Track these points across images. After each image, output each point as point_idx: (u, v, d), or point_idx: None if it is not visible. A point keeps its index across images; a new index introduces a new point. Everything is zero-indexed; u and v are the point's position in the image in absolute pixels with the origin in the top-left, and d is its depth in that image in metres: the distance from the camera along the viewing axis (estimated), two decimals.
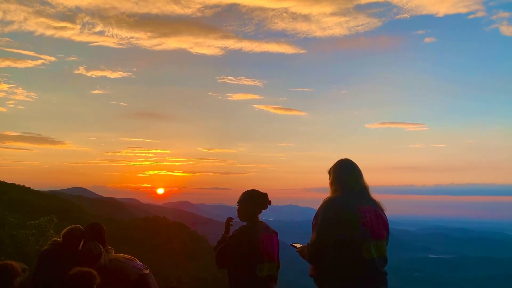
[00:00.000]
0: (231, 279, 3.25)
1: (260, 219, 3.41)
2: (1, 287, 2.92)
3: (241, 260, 3.18)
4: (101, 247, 3.75)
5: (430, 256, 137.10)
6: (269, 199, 3.40)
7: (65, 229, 4.19)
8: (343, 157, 3.08)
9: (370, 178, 2.99)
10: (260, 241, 3.21)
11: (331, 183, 2.99)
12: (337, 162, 3.05)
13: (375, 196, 2.96)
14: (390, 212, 3.02)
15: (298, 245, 3.09)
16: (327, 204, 2.83)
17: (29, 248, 16.40)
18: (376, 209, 2.85)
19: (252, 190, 3.45)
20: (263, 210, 3.40)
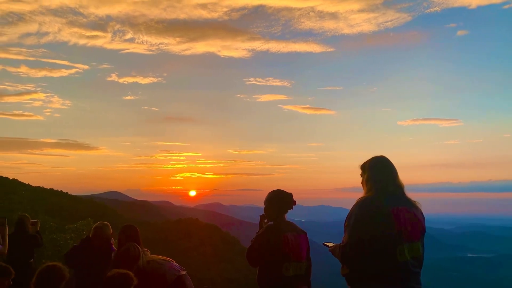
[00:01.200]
0: (259, 278, 3.30)
1: (286, 219, 3.43)
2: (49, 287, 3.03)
3: (267, 259, 3.22)
4: (139, 248, 3.84)
5: (468, 255, 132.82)
6: (294, 199, 3.42)
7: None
8: (376, 155, 2.96)
9: (403, 176, 2.87)
10: (285, 240, 3.23)
11: (365, 182, 2.88)
12: (371, 160, 2.93)
13: (410, 195, 2.85)
14: (426, 210, 2.91)
15: (330, 244, 3.06)
16: (360, 205, 2.74)
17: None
18: (411, 210, 2.74)
19: (278, 190, 3.48)
20: (289, 210, 3.44)
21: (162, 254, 4.06)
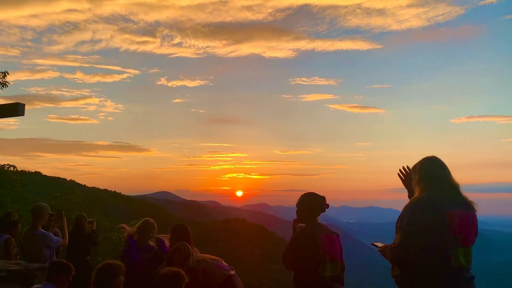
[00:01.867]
0: (296, 279, 3.33)
1: (319, 221, 3.47)
2: (105, 285, 3.16)
3: (303, 261, 3.25)
4: (190, 247, 3.94)
5: None
6: (326, 203, 3.45)
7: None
8: (427, 155, 2.87)
9: (457, 176, 2.73)
10: (320, 242, 3.26)
11: (417, 183, 2.78)
12: (423, 160, 2.85)
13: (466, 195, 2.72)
14: (481, 212, 2.75)
15: (380, 244, 2.99)
16: (414, 206, 2.65)
17: (121, 250, 17.59)
18: (467, 213, 2.63)
19: (310, 193, 3.52)
20: (321, 213, 3.46)
21: (210, 254, 4.13)
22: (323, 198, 3.47)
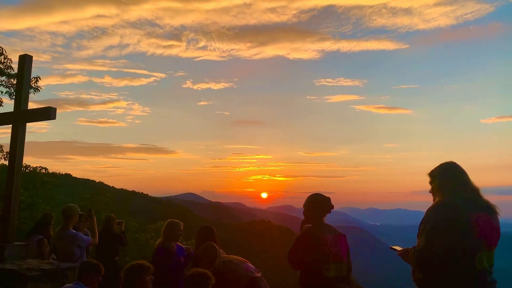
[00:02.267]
0: (301, 279, 3.40)
1: (325, 222, 3.53)
2: (133, 284, 3.23)
3: (306, 261, 3.32)
4: (217, 248, 3.97)
5: None
6: (331, 204, 3.54)
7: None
8: (457, 157, 2.98)
9: (487, 177, 2.79)
10: (323, 242, 3.31)
11: (437, 189, 2.81)
12: (441, 166, 2.88)
13: (496, 198, 2.74)
14: None
15: (399, 248, 3.01)
16: (438, 209, 2.67)
17: (149, 250, 17.91)
18: (490, 216, 2.65)
19: (316, 194, 3.61)
20: (327, 214, 3.54)
21: (236, 255, 4.15)
22: (328, 198, 3.54)
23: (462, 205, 2.63)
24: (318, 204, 3.54)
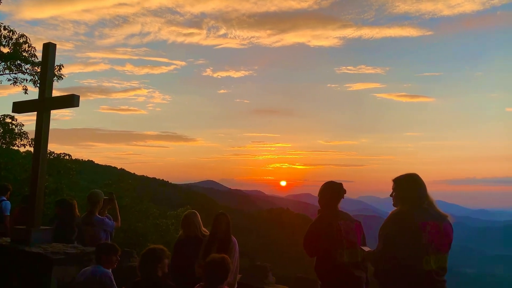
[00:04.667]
0: (316, 265, 3.52)
1: (340, 209, 3.66)
2: (149, 269, 3.31)
3: (322, 247, 3.44)
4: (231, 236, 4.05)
5: None
6: (344, 189, 3.66)
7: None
8: (480, 146, 3.03)
9: None
10: (337, 228, 3.42)
11: (397, 197, 3.12)
12: (402, 178, 3.16)
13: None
14: None
15: (366, 249, 3.33)
16: (393, 219, 3.02)
17: (170, 236, 18.19)
18: (439, 224, 2.96)
19: (329, 181, 3.74)
20: (341, 200, 3.68)
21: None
22: (340, 184, 3.67)
23: (416, 214, 2.95)
24: (330, 191, 3.66)
